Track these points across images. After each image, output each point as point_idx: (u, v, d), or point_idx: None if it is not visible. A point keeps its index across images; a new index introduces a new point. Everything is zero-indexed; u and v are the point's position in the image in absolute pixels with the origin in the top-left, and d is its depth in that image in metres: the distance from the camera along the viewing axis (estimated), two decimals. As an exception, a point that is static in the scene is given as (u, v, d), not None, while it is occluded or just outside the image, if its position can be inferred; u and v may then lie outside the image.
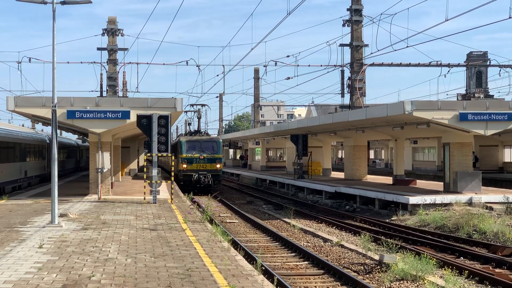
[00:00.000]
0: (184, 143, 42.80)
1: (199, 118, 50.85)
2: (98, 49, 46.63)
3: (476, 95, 53.78)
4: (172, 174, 28.46)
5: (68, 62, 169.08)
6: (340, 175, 49.28)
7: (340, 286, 15.03)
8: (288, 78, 49.24)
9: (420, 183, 38.25)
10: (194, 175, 41.77)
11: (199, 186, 41.51)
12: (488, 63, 56.56)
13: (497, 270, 16.60)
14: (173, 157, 32.47)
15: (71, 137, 71.45)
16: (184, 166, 42.11)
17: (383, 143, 75.94)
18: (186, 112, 53.66)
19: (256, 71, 73.39)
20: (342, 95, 46.39)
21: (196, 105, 52.38)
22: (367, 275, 16.11)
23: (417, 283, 14.64)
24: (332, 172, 52.75)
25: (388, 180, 41.46)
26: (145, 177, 27.07)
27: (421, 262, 15.46)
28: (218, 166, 42.67)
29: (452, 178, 30.05)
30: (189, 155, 42.32)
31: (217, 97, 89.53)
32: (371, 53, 58.79)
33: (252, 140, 67.60)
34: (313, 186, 39.53)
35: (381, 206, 30.15)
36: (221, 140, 44.68)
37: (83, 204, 25.62)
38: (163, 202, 26.68)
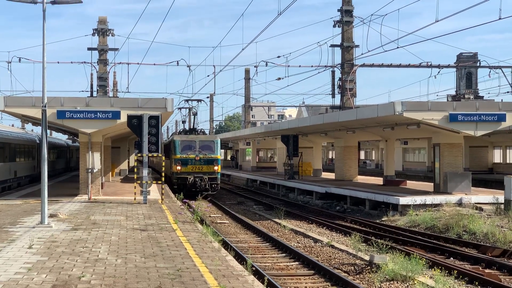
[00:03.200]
0: (178, 143, 39.07)
1: (194, 114, 46.60)
2: (89, 49, 46.58)
3: (466, 96, 54.06)
4: (163, 174, 28.37)
5: (58, 62, 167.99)
6: (330, 175, 49.33)
7: (330, 287, 15.04)
8: (279, 78, 49.33)
9: (411, 184, 38.34)
10: (189, 178, 38.07)
11: (194, 190, 37.69)
12: (478, 64, 56.84)
13: (487, 270, 16.65)
14: (163, 158, 31.94)
15: (61, 137, 71.19)
16: (178, 168, 38.44)
17: (374, 144, 76.17)
18: (180, 109, 50.07)
19: (247, 72, 73.49)
20: (333, 95, 46.56)
21: (192, 100, 48.12)
22: (358, 276, 16.14)
23: (407, 284, 14.67)
24: (323, 173, 52.84)
25: (379, 180, 41.54)
26: (135, 177, 26.95)
27: (411, 262, 15.50)
28: (216, 168, 38.82)
29: (442, 179, 30.15)
30: (184, 156, 38.58)
31: (207, 97, 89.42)
32: (362, 54, 58.92)
33: (242, 141, 67.60)
34: (304, 187, 39.56)
35: (371, 206, 30.20)
36: (219, 140, 40.75)
37: (73, 205, 25.53)
38: (154, 203, 26.62)
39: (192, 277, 11.35)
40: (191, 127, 45.02)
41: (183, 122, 49.73)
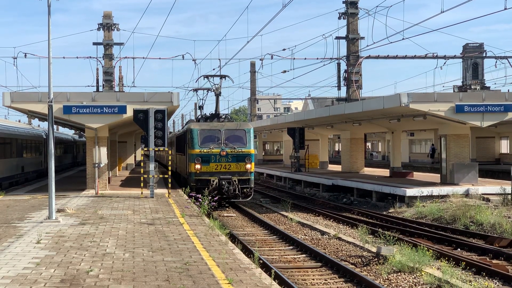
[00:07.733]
0: (197, 132, 29.52)
1: (217, 95, 34.63)
2: (94, 44, 46.60)
3: (472, 86, 53.88)
4: (169, 168, 28.36)
5: (64, 57, 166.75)
6: (337, 168, 49.33)
7: (337, 279, 15.07)
8: (285, 71, 49.23)
9: (417, 175, 38.30)
10: (213, 181, 28.95)
11: (220, 197, 28.40)
12: (484, 55, 56.79)
13: (494, 261, 16.64)
14: (170, 152, 31.31)
15: (67, 132, 71.38)
16: (197, 167, 29.03)
17: (380, 136, 76.03)
18: (196, 90, 38.89)
19: (252, 65, 73.31)
20: (339, 88, 46.50)
21: (214, 76, 35.59)
22: (365, 268, 16.16)
23: (415, 275, 14.68)
24: (329, 165, 52.81)
25: (385, 172, 41.51)
26: (142, 171, 26.99)
27: (418, 254, 15.51)
28: (248, 166, 29.36)
29: (449, 170, 30.11)
30: (205, 150, 29.08)
31: (213, 90, 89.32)
32: (367, 46, 58.56)
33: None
34: (310, 179, 39.56)
35: (378, 198, 30.20)
36: (251, 128, 30.56)
37: (81, 199, 25.61)
38: (161, 197, 26.68)
39: (199, 271, 11.40)
40: (214, 112, 33.96)
41: (200, 107, 37.59)
